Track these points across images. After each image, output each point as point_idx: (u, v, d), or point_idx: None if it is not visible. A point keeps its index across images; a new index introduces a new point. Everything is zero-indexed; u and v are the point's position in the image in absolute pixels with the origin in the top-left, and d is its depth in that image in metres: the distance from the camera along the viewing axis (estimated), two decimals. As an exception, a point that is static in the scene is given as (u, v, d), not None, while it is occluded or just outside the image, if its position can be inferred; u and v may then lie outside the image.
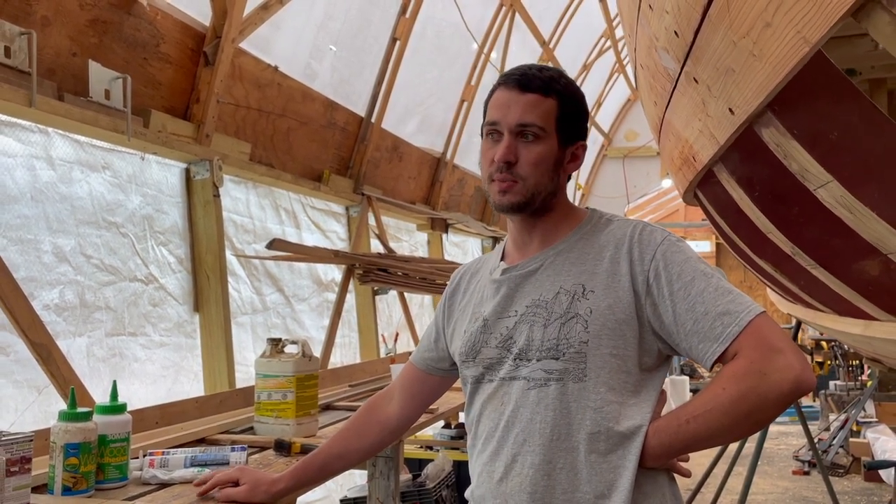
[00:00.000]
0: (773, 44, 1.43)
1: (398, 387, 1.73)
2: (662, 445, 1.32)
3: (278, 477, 1.67)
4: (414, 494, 4.09)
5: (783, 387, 1.22)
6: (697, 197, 3.29)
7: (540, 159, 1.41)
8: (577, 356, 1.34)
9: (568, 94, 1.44)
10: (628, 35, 3.04)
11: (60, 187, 2.86)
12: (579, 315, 1.35)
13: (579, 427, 1.33)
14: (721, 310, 1.29)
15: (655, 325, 1.36)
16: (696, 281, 1.32)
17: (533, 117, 1.39)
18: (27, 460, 1.78)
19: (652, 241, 1.38)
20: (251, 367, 3.74)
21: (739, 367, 1.26)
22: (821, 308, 3.13)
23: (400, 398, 1.71)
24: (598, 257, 1.40)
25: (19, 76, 2.56)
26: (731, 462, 5.37)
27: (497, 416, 1.41)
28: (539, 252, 1.47)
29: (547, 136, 1.41)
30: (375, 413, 1.72)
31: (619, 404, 1.33)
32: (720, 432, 1.30)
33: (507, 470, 1.38)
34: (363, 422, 1.72)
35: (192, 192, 3.63)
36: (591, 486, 1.32)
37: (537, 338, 1.37)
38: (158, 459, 2.13)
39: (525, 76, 1.41)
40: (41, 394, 2.59)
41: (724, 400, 1.26)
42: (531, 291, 1.43)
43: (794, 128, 1.73)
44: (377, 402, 1.74)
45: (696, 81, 1.99)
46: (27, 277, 2.65)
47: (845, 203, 1.79)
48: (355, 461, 1.74)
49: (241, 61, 3.89)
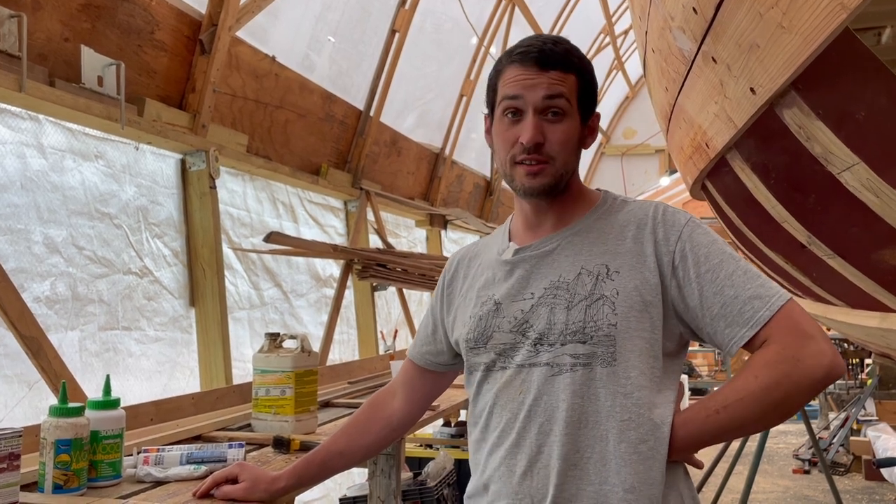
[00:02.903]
0: (805, 12, 1.36)
1: (400, 383, 1.67)
2: (690, 437, 1.27)
3: (278, 475, 1.61)
4: (415, 493, 4.02)
5: (816, 373, 1.19)
6: (706, 189, 3.24)
7: (567, 138, 1.34)
8: (605, 339, 1.27)
9: (584, 66, 1.38)
10: (639, 18, 2.98)
11: (52, 176, 2.78)
12: (605, 297, 1.29)
13: (609, 414, 1.27)
14: (751, 293, 1.25)
15: (679, 308, 1.31)
16: (724, 263, 1.28)
17: (558, 95, 1.33)
18: (16, 457, 1.75)
19: (676, 221, 1.34)
20: (248, 364, 3.67)
21: (772, 353, 1.21)
22: (833, 301, 3.07)
23: (402, 395, 1.65)
24: (620, 237, 1.35)
25: (9, 60, 2.49)
26: (733, 461, 5.35)
27: (515, 406, 1.33)
28: (554, 232, 1.40)
29: (571, 113, 1.35)
30: (379, 410, 1.65)
31: (649, 390, 1.28)
32: (751, 421, 1.26)
33: (530, 463, 1.30)
34: (366, 418, 1.65)
35: (187, 184, 3.55)
36: (619, 479, 1.25)
37: (560, 321, 1.30)
38: (153, 457, 2.09)
39: (543, 53, 1.34)
40: (32, 389, 2.52)
41: (756, 387, 1.21)
42: (548, 273, 1.36)
43: (819, 107, 1.68)
44: (380, 399, 1.68)
45: (715, 61, 1.93)
46: (17, 269, 2.57)
47: (871, 186, 1.73)
48: (358, 459, 1.67)
49: (238, 50, 3.82)
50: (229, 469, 1.66)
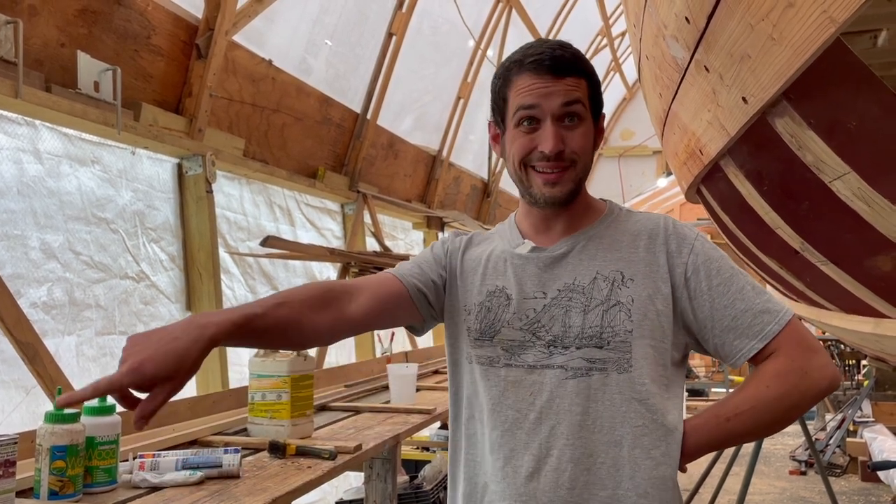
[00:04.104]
0: (794, 25, 1.37)
1: (368, 292, 1.40)
2: (701, 442, 1.32)
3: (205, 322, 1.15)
4: (411, 497, 4.03)
5: (821, 385, 1.27)
6: (701, 193, 3.25)
7: (586, 141, 1.35)
8: (622, 345, 1.29)
9: (591, 69, 1.40)
10: (633, 25, 2.99)
11: (48, 181, 2.79)
12: (621, 303, 1.31)
13: (623, 420, 1.29)
14: (761, 308, 1.30)
15: (688, 319, 1.34)
16: (734, 278, 1.33)
17: (575, 101, 1.33)
18: (11, 463, 1.76)
19: (687, 234, 1.37)
20: (244, 368, 3.67)
21: (781, 365, 1.28)
22: (827, 306, 3.09)
23: (366, 305, 1.38)
24: (633, 245, 1.37)
25: (5, 66, 2.49)
26: (729, 462, 5.35)
27: (525, 406, 1.32)
28: (568, 236, 1.40)
29: (587, 117, 1.36)
30: (335, 303, 1.36)
31: (660, 397, 1.31)
32: (758, 429, 1.34)
33: (538, 464, 1.30)
34: (321, 302, 1.34)
35: (184, 188, 3.56)
36: (632, 483, 1.28)
37: (576, 324, 1.31)
38: (149, 462, 2.10)
39: (555, 59, 1.33)
40: (29, 394, 2.52)
41: (768, 397, 1.27)
42: (563, 275, 1.36)
43: (811, 117, 1.69)
44: (337, 294, 1.37)
45: (707, 70, 1.94)
46: (14, 274, 2.58)
47: (862, 195, 1.74)
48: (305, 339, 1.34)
49: (235, 55, 3.83)
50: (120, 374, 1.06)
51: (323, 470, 2.29)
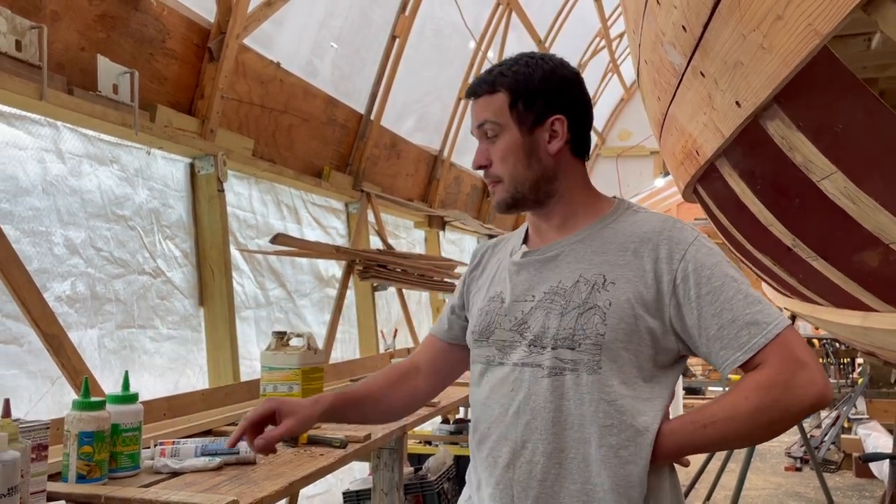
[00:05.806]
0: (783, 36, 1.47)
1: (423, 361, 1.70)
2: (675, 445, 1.33)
3: (318, 398, 1.54)
4: (416, 486, 4.13)
5: (805, 401, 1.25)
6: (697, 192, 3.35)
7: (504, 154, 1.45)
8: (592, 348, 1.33)
9: (519, 79, 1.44)
10: (632, 31, 3.09)
11: (70, 180, 2.88)
12: (598, 307, 1.34)
13: (592, 419, 1.33)
14: (749, 319, 1.29)
15: (677, 326, 1.35)
16: (725, 286, 1.32)
17: (484, 118, 1.46)
18: (44, 447, 1.81)
19: (682, 239, 1.37)
20: (255, 361, 3.76)
21: (765, 377, 1.26)
22: (818, 301, 3.18)
23: (426, 373, 1.68)
24: (622, 248, 1.39)
25: (30, 70, 2.58)
26: (725, 458, 5.44)
27: (507, 401, 1.40)
28: (560, 238, 1.47)
29: (505, 129, 1.45)
30: (405, 379, 1.67)
31: (633, 398, 1.33)
32: (736, 439, 1.34)
33: (514, 456, 1.38)
34: (395, 381, 1.66)
35: (196, 187, 3.64)
36: (601, 479, 1.32)
37: (553, 326, 1.37)
38: (170, 449, 2.17)
39: (474, 84, 1.49)
40: (54, 384, 2.61)
41: (746, 409, 1.27)
42: (550, 278, 1.43)
43: (800, 120, 1.78)
44: (405, 372, 1.68)
45: (703, 75, 2.04)
46: (39, 269, 2.67)
47: (848, 194, 1.83)
48: (383, 415, 1.69)
49: (245, 57, 3.91)
50: (262, 408, 1.50)
51: (334, 457, 2.38)
